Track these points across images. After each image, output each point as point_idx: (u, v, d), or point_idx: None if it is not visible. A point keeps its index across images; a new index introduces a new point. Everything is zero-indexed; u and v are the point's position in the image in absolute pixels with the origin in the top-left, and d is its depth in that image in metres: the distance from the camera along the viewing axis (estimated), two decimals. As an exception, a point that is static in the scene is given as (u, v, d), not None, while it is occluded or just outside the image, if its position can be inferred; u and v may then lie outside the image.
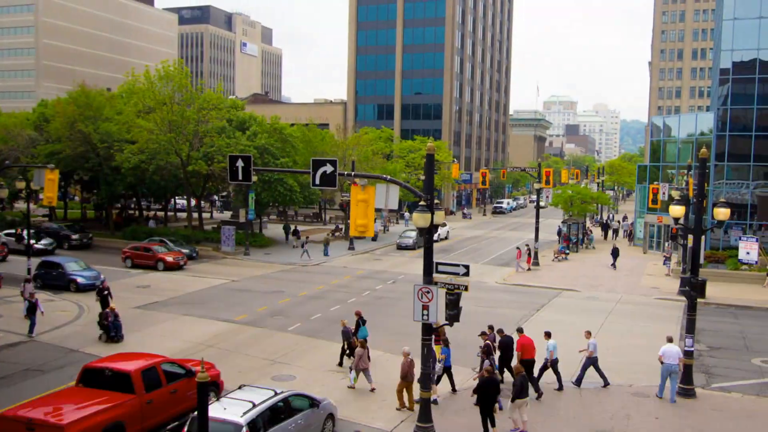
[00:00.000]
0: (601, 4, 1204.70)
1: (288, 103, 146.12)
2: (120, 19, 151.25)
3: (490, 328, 23.05)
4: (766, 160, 49.79)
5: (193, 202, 62.68)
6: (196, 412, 13.92)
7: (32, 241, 45.90)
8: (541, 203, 57.25)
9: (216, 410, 15.19)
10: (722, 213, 22.41)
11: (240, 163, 22.31)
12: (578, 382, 22.10)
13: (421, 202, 17.69)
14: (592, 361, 21.95)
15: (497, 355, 22.06)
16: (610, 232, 70.22)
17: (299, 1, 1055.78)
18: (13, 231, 52.67)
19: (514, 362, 20.73)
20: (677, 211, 25.16)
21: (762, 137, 49.56)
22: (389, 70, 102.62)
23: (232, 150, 49.25)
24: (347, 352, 24.15)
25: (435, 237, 20.06)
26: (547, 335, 22.13)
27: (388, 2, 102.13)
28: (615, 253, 49.44)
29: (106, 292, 30.61)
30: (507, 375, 21.81)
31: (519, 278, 44.49)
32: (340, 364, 24.25)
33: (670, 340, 21.73)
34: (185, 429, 15.69)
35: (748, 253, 36.70)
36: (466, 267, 18.68)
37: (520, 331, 22.74)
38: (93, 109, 56.85)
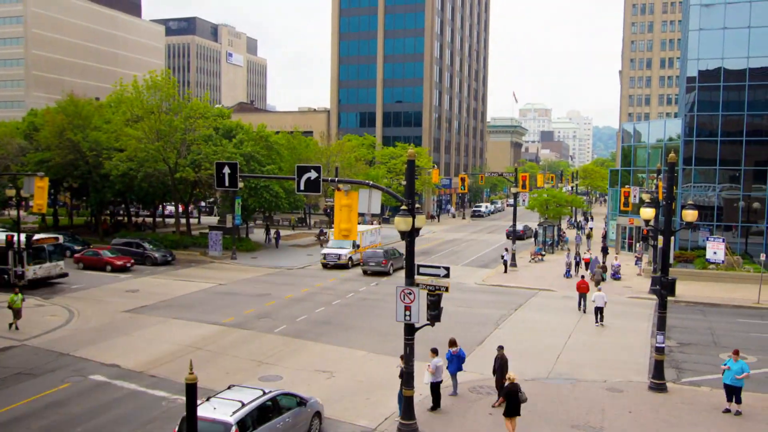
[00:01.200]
0: (574, 15, 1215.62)
1: (273, 112, 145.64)
2: (108, 30, 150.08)
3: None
4: (731, 164, 50.43)
5: (181, 208, 62.25)
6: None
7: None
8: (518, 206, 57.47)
9: (206, 410, 15.11)
10: (690, 215, 22.65)
11: (227, 170, 22.19)
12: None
13: (403, 207, 17.73)
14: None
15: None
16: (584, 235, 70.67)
17: (284, 13, 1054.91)
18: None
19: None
20: (648, 213, 25.40)
21: (727, 142, 50.20)
22: (371, 79, 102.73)
23: (219, 157, 49.01)
24: None
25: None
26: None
27: (369, 14, 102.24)
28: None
29: None
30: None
31: (497, 279, 44.62)
32: None
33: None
34: (176, 429, 15.54)
35: (715, 252, 37.08)
36: (447, 269, 18.72)
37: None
38: (82, 118, 56.35)
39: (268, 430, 16.06)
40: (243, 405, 15.72)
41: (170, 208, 77.94)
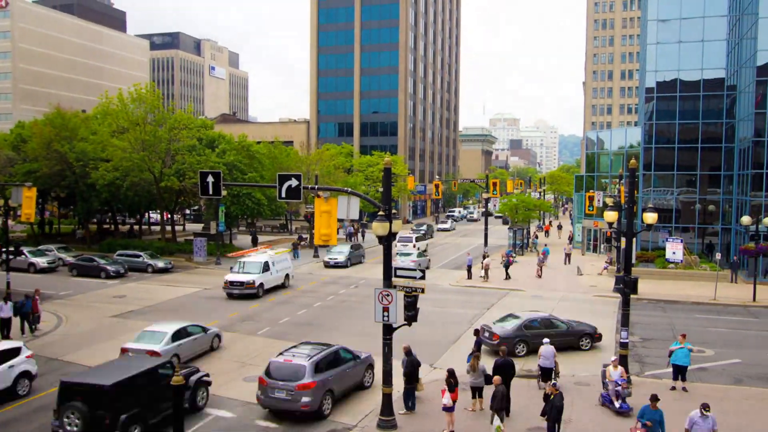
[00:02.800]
0: (540, 30, 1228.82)
1: (255, 123, 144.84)
2: (94, 45, 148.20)
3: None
4: (687, 169, 51.25)
5: (166, 215, 61.60)
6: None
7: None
8: (491, 211, 57.76)
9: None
10: (650, 217, 22.92)
11: (210, 179, 22.06)
12: None
13: (380, 212, 17.74)
14: None
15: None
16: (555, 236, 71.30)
17: (265, 28, 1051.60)
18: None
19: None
20: (611, 216, 25.62)
21: (684, 149, 51.00)
22: (348, 91, 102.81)
23: (203, 166, 48.60)
24: None
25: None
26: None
27: (346, 29, 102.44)
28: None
29: None
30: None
31: (470, 280, 44.78)
32: None
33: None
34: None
35: (674, 252, 37.57)
36: (423, 271, 18.77)
37: None
38: (69, 129, 55.54)
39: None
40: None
41: (155, 216, 77.01)
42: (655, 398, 16.23)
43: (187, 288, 40.95)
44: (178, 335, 24.01)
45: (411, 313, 18.09)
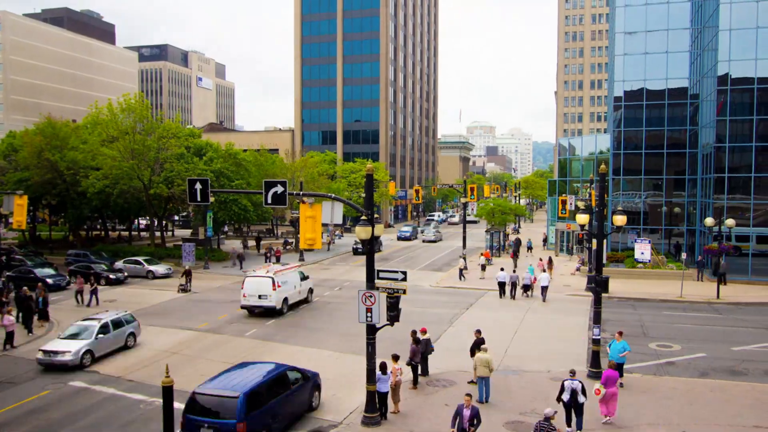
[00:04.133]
0: (515, 42, 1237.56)
1: (241, 131, 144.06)
2: (84, 57, 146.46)
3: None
4: (654, 173, 51.88)
5: (156, 222, 61.00)
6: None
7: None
8: (468, 216, 57.86)
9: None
10: (620, 219, 23.16)
11: (198, 186, 21.89)
12: None
13: (363, 217, 17.74)
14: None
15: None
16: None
17: (250, 40, 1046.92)
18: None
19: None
20: (583, 218, 25.86)
21: (650, 154, 51.62)
22: (332, 100, 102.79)
23: (191, 174, 48.23)
24: None
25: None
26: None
27: (329, 41, 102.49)
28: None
29: None
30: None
31: (449, 281, 44.88)
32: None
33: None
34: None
35: (642, 253, 37.94)
36: (404, 273, 18.77)
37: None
38: (59, 139, 54.85)
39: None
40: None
41: (145, 222, 76.19)
42: None
43: (176, 292, 40.54)
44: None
45: (393, 314, 18.11)
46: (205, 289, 41.58)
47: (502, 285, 38.40)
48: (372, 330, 18.08)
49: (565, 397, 17.14)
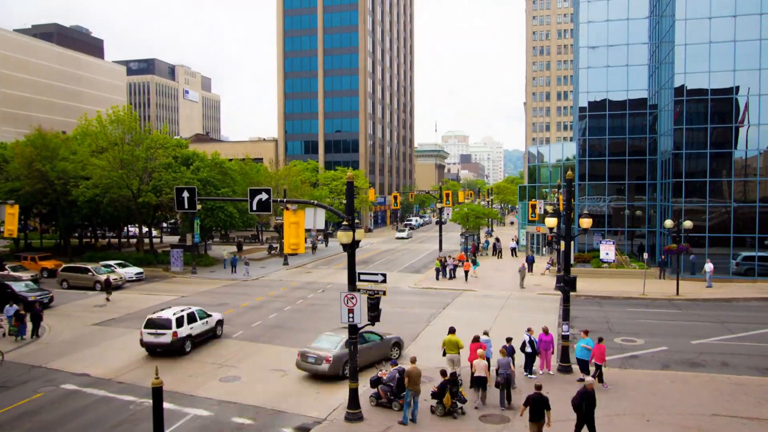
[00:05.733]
0: (485, 56, 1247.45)
1: (227, 141, 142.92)
2: (73, 70, 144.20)
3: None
4: (617, 179, 52.57)
5: (145, 229, 60.22)
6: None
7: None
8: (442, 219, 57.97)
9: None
10: (586, 222, 23.41)
11: (186, 194, 21.67)
12: None
13: (344, 222, 17.70)
14: None
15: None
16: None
17: (235, 55, 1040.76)
18: None
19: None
20: (551, 222, 26.08)
21: (613, 161, 52.32)
22: (313, 112, 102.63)
23: (178, 183, 47.74)
24: None
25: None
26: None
27: (310, 55, 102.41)
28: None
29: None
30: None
31: (427, 282, 44.94)
32: None
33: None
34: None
35: (607, 253, 38.35)
36: (384, 275, 18.75)
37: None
38: (50, 150, 53.91)
39: None
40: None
41: (134, 230, 75.16)
42: None
43: (164, 296, 40.04)
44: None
45: (374, 314, 18.06)
46: (192, 293, 41.12)
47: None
48: (354, 330, 18.02)
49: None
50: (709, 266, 40.56)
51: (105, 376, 22.78)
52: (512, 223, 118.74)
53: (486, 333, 22.37)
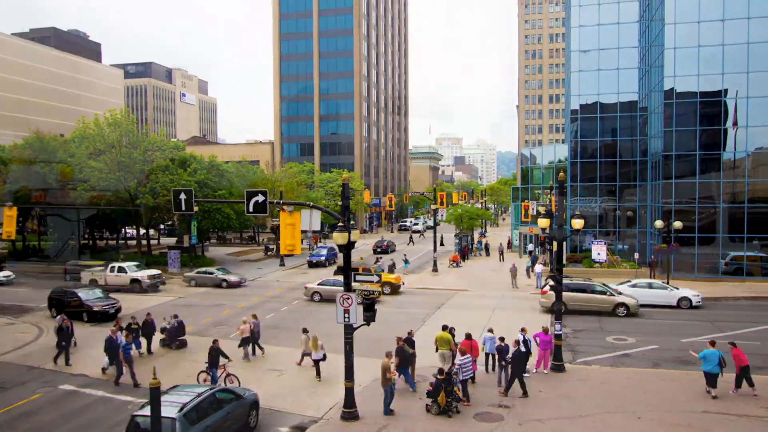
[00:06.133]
0: (479, 58, 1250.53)
1: (223, 144, 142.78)
2: (71, 74, 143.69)
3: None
4: (608, 180, 52.78)
5: (142, 230, 60.00)
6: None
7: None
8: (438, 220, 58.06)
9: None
10: (578, 223, 23.48)
11: (183, 196, 21.62)
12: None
13: (340, 224, 17.70)
14: None
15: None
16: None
17: (233, 57, 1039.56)
18: None
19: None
20: (544, 222, 26.15)
21: (605, 163, 52.54)
22: (309, 115, 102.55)
23: (175, 185, 47.60)
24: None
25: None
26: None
27: (306, 58, 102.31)
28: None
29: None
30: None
31: (422, 282, 44.97)
32: None
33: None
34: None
35: (598, 254, 38.53)
36: (379, 276, 18.76)
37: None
38: (47, 152, 53.72)
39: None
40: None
41: (132, 231, 74.90)
42: None
43: (162, 297, 39.93)
44: None
45: (369, 314, 18.06)
46: (190, 294, 41.02)
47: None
48: (349, 330, 18.01)
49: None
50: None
51: (102, 377, 22.68)
52: (504, 219, 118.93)
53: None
